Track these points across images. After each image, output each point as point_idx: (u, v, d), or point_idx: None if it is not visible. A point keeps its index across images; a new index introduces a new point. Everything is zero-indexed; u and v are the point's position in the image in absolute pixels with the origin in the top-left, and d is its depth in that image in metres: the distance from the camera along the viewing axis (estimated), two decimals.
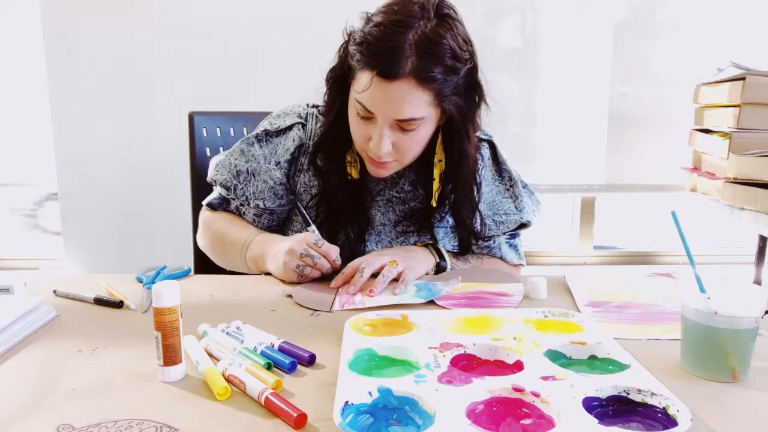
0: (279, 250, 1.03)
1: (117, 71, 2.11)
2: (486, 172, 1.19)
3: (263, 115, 1.24)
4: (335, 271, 1.04)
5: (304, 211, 1.09)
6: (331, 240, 1.14)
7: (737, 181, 1.74)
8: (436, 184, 1.11)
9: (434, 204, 1.12)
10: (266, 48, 2.12)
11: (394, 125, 0.99)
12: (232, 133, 1.49)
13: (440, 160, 1.10)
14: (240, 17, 2.10)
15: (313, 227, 1.09)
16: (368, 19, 0.99)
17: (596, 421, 0.54)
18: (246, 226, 1.17)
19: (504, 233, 1.21)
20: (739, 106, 1.81)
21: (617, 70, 2.27)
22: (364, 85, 0.97)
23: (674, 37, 2.28)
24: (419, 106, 0.97)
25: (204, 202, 1.23)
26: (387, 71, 0.94)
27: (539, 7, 2.25)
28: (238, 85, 2.12)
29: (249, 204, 1.15)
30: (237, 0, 2.09)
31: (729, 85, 1.85)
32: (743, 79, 1.78)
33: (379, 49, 0.94)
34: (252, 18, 2.10)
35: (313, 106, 1.19)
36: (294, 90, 1.77)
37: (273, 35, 2.11)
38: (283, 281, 1.03)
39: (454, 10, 1.00)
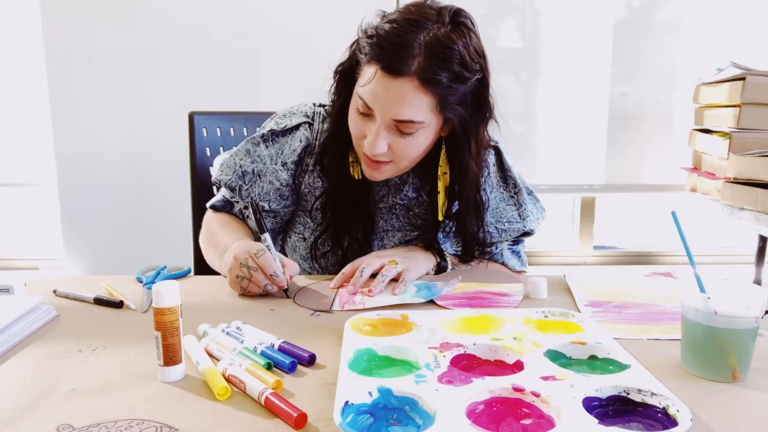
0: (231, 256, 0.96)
1: (117, 71, 2.11)
2: (490, 178, 1.17)
3: (263, 114, 1.24)
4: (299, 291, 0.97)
5: (261, 218, 1.01)
6: (336, 244, 1.13)
7: (737, 181, 1.74)
8: (441, 198, 1.08)
9: (440, 218, 1.10)
10: (267, 48, 2.12)
11: (392, 126, 0.97)
12: (232, 133, 1.49)
13: (445, 173, 1.07)
14: (240, 17, 2.10)
15: (265, 236, 0.99)
16: (383, 16, 0.99)
17: (596, 421, 0.54)
18: (236, 231, 1.11)
19: (506, 240, 1.21)
20: (739, 106, 1.81)
21: (617, 70, 2.27)
22: (367, 78, 0.95)
23: (674, 37, 2.28)
24: (419, 108, 0.95)
25: (207, 204, 1.21)
26: (392, 66, 0.92)
27: (539, 7, 2.25)
28: (238, 84, 2.12)
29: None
30: (237, 0, 2.09)
31: (729, 85, 1.86)
32: (743, 79, 1.78)
33: (387, 44, 0.93)
34: (252, 18, 2.10)
35: (320, 105, 1.17)
36: (295, 90, 1.78)
37: (274, 35, 2.11)
38: (243, 295, 0.97)
39: (471, 21, 0.98)
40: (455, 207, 1.12)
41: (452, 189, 1.08)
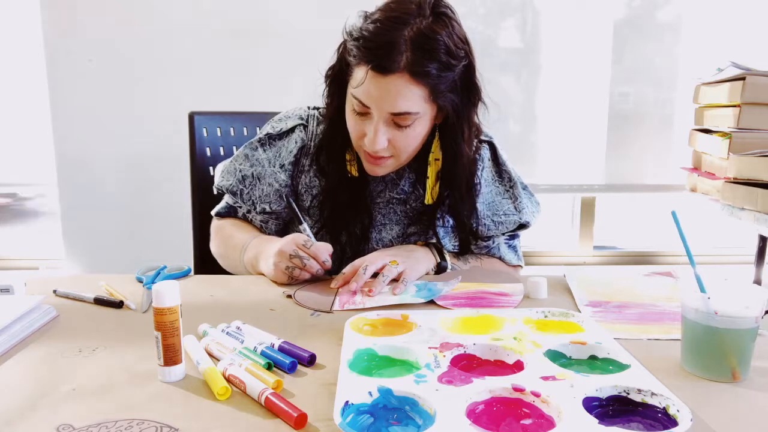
0: (270, 251, 1.02)
1: (117, 71, 2.11)
2: (486, 172, 1.19)
3: (263, 115, 1.24)
4: (329, 272, 1.04)
5: (296, 208, 1.09)
6: (333, 240, 1.14)
7: (737, 181, 1.74)
8: (430, 182, 1.11)
9: (428, 201, 1.13)
10: (266, 48, 2.12)
11: (389, 120, 1.00)
12: (232, 133, 1.49)
13: (436, 159, 1.11)
14: (240, 17, 2.10)
15: (304, 225, 1.08)
16: (366, 17, 1.01)
17: (596, 421, 0.54)
18: (250, 230, 1.17)
19: (503, 234, 1.21)
20: (739, 106, 1.81)
21: (617, 70, 2.27)
22: (359, 79, 0.98)
23: (674, 37, 2.28)
24: (414, 100, 0.98)
25: (213, 212, 1.24)
26: (382, 66, 0.95)
27: (539, 7, 2.25)
28: (238, 85, 2.12)
29: (255, 209, 1.16)
30: (237, 0, 2.09)
31: (729, 85, 1.85)
32: (743, 79, 1.78)
33: (374, 44, 0.96)
34: (252, 18, 2.10)
35: (314, 108, 1.21)
36: (295, 90, 1.78)
37: (274, 35, 2.11)
38: (276, 283, 1.02)
39: (451, 9, 1.01)
40: (447, 199, 1.14)
41: (444, 175, 1.11)
